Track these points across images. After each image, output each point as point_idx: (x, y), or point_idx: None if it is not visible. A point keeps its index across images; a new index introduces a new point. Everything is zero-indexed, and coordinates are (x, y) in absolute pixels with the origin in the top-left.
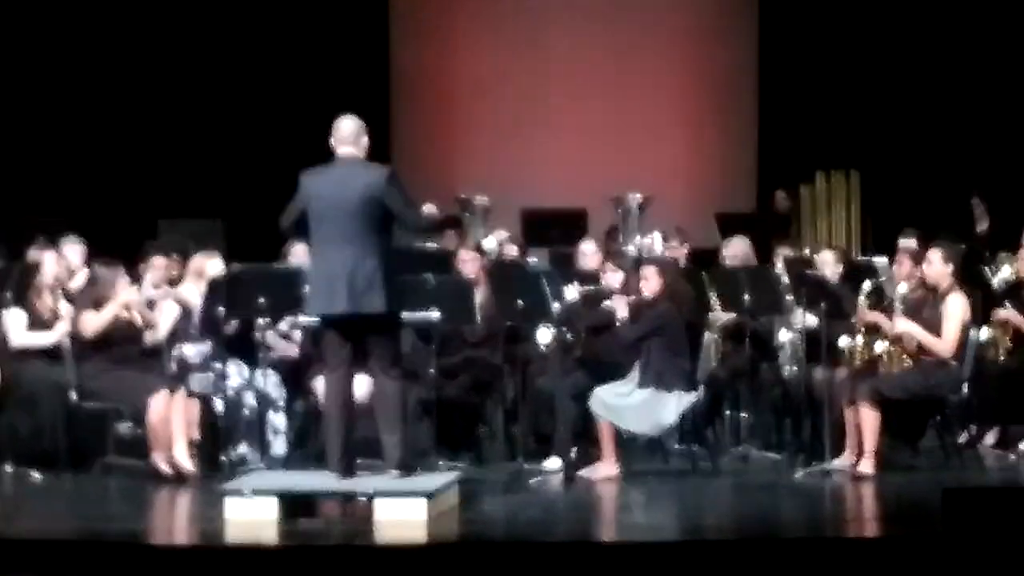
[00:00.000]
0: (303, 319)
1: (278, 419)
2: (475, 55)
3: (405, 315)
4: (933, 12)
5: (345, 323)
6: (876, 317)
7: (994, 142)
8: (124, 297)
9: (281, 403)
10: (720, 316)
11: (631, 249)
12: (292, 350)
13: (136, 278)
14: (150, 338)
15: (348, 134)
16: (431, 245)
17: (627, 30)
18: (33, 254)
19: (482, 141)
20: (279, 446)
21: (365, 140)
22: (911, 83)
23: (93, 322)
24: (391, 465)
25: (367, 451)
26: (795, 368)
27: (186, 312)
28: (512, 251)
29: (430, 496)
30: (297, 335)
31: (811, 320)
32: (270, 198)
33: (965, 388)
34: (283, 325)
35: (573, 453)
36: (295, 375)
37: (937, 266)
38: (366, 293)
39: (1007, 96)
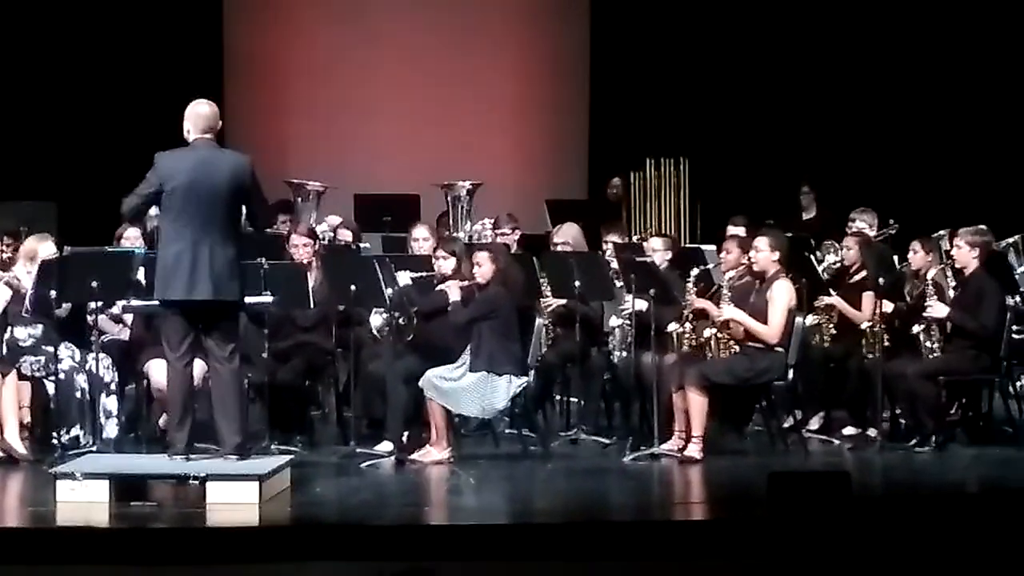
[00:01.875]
0: (135, 302)
1: (110, 402)
2: (308, 39)
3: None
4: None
5: (194, 308)
6: (704, 303)
7: (822, 131)
8: None
9: (113, 386)
10: (551, 301)
11: (462, 235)
12: (124, 333)
13: None
14: None
15: (210, 118)
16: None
17: (459, 16)
18: None
19: (315, 125)
20: (111, 429)
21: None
22: (740, 72)
23: None
24: (227, 450)
25: (202, 435)
26: (624, 353)
27: (18, 295)
28: (345, 236)
29: (262, 479)
30: (129, 318)
31: (640, 306)
32: (103, 181)
33: (790, 374)
34: (115, 308)
35: (405, 437)
36: (127, 358)
37: (764, 253)
38: (225, 280)
39: (836, 85)
